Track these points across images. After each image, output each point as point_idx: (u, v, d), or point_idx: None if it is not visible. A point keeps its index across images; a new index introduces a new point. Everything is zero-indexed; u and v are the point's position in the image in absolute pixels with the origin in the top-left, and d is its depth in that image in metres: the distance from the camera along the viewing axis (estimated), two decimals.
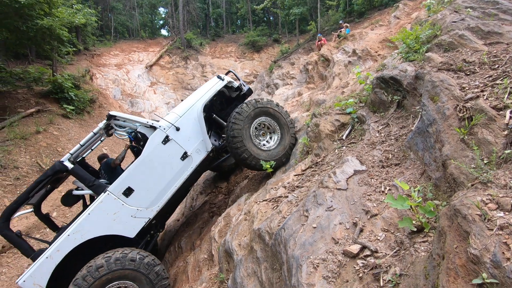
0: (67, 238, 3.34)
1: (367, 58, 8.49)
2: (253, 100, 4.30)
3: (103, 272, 3.17)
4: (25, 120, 8.81)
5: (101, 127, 4.09)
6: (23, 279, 3.18)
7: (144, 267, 3.33)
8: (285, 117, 4.45)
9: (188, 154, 4.07)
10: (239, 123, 4.03)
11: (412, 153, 2.55)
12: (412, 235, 1.76)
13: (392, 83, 3.52)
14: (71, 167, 3.62)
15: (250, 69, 21.27)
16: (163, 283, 3.41)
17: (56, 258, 3.27)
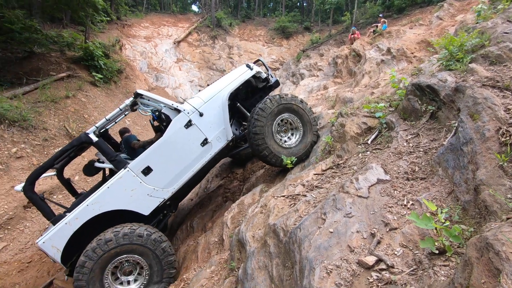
0: (86, 208, 3.53)
1: (402, 59, 8.13)
2: (278, 95, 4.24)
3: (112, 246, 3.35)
4: (56, 84, 9.13)
5: (127, 104, 4.16)
6: (42, 240, 3.41)
7: (151, 243, 3.49)
8: (308, 114, 4.38)
9: (208, 141, 4.11)
10: (262, 120, 4.01)
11: (441, 169, 2.46)
12: (432, 256, 1.73)
13: (428, 92, 3.37)
14: (96, 140, 3.77)
15: (277, 56, 20.91)
16: (169, 259, 3.58)
17: (74, 225, 3.47)
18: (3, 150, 6.34)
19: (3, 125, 6.65)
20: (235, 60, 20.08)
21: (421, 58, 7.53)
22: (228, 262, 2.88)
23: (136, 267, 3.58)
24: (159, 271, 3.55)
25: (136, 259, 3.50)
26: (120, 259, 3.43)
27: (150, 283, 3.54)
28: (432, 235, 1.84)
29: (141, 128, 10.41)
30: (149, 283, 3.54)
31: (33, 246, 5.37)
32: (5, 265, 5.07)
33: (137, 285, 3.56)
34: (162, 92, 15.16)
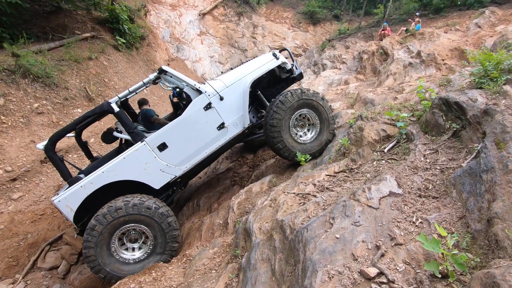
0: (101, 174, 3.68)
1: (431, 65, 7.86)
2: (299, 90, 4.21)
3: (121, 214, 3.52)
4: (80, 44, 9.18)
5: (151, 78, 4.24)
6: (58, 199, 3.60)
7: (158, 216, 3.65)
8: (328, 112, 4.36)
9: (225, 125, 4.17)
10: (280, 113, 4.01)
11: (455, 191, 2.47)
12: (434, 278, 1.77)
13: (455, 109, 3.30)
14: (117, 111, 3.88)
15: (302, 41, 20.39)
16: (173, 233, 3.75)
17: (89, 189, 3.64)
18: (26, 104, 6.53)
19: (28, 79, 6.80)
20: (258, 41, 19.69)
21: (451, 67, 7.27)
22: (232, 247, 3.00)
23: (142, 236, 3.77)
24: (163, 243, 3.73)
25: (142, 229, 3.68)
26: (127, 227, 3.61)
27: (153, 253, 3.74)
28: (437, 257, 1.88)
29: (157, 98, 10.50)
30: (152, 253, 3.74)
31: (47, 200, 5.65)
32: (19, 214, 5.37)
33: (141, 253, 3.75)
34: (181, 64, 15.10)
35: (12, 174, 5.70)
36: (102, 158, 4.67)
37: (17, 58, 6.82)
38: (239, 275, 2.52)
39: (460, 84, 4.42)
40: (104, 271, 3.54)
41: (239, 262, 2.66)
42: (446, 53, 7.97)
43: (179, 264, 3.44)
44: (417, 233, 2.18)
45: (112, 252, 3.60)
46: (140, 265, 3.67)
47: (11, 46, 6.98)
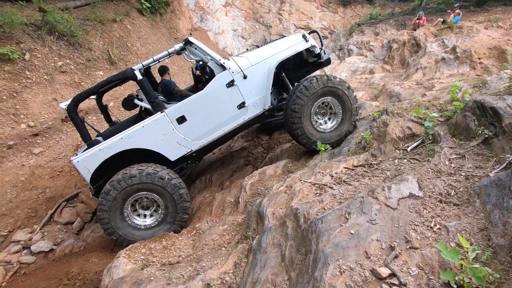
0: (119, 140, 3.73)
1: (465, 62, 7.43)
2: (326, 76, 4.07)
3: (135, 181, 3.61)
4: (106, 4, 9.06)
5: (176, 49, 4.17)
6: (77, 159, 3.69)
7: (171, 187, 3.73)
8: (352, 102, 4.23)
9: (245, 105, 4.10)
10: (303, 99, 3.91)
11: (479, 201, 2.39)
12: (447, 287, 1.76)
13: (490, 115, 3.13)
14: (140, 79, 3.86)
15: (329, 23, 19.56)
16: (184, 205, 3.84)
17: (107, 153, 3.71)
18: (50, 61, 6.59)
19: (53, 36, 6.82)
20: (284, 18, 18.96)
21: (488, 68, 6.86)
22: (243, 228, 3.05)
23: (153, 204, 3.87)
24: (173, 213, 3.83)
25: (154, 197, 3.77)
26: (140, 194, 3.71)
27: (164, 222, 3.85)
28: (453, 267, 1.85)
29: (177, 68, 10.42)
30: (163, 221, 3.85)
31: (66, 158, 5.84)
32: (39, 168, 5.59)
33: (152, 220, 3.88)
34: (203, 35, 14.80)
35: (34, 129, 5.88)
36: (120, 123, 4.73)
37: (44, 13, 6.81)
38: (248, 256, 2.58)
39: (497, 87, 4.18)
40: (117, 233, 3.70)
41: (250, 243, 2.71)
42: (484, 51, 7.49)
43: (188, 236, 3.55)
44: (434, 239, 2.14)
45: (125, 217, 3.73)
46: (151, 231, 3.80)
47: (38, 1, 6.95)
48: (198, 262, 2.71)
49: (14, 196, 4.99)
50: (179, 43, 4.28)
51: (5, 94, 5.86)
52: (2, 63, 6.02)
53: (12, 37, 6.28)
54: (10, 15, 6.21)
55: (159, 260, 3.09)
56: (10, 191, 5.09)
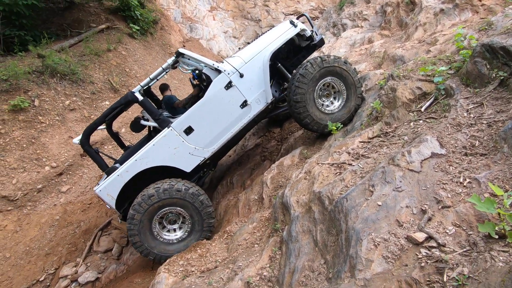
0: (134, 162, 3.84)
1: (466, 8, 7.06)
2: (319, 58, 3.97)
3: (155, 200, 3.69)
4: (98, 36, 9.30)
5: (169, 63, 4.23)
6: (99, 188, 3.83)
7: (190, 196, 3.79)
8: (353, 76, 4.12)
9: (248, 103, 4.10)
10: (303, 87, 3.85)
11: (507, 146, 2.27)
12: (489, 239, 1.69)
13: (502, 55, 2.97)
14: (141, 99, 3.94)
15: (317, 3, 19.18)
16: (207, 210, 3.91)
17: (125, 177, 3.83)
18: (58, 102, 6.85)
19: (56, 78, 7.08)
20: (271, 8, 18.77)
21: (491, 8, 6.50)
22: (271, 222, 3.06)
23: (179, 217, 3.95)
24: (200, 221, 3.91)
25: (178, 210, 3.85)
26: (164, 211, 3.80)
27: (193, 231, 3.93)
28: (491, 218, 1.78)
29: (178, 82, 10.56)
30: (192, 231, 3.93)
31: (91, 190, 6.06)
32: (70, 204, 5.84)
33: (182, 232, 3.97)
34: (196, 44, 14.91)
35: (58, 169, 6.13)
36: (133, 146, 4.86)
37: (43, 59, 7.08)
38: (281, 248, 2.58)
39: (505, 26, 3.96)
40: (152, 253, 3.81)
41: (280, 235, 2.71)
42: None
43: (221, 240, 3.59)
44: (465, 194, 2.07)
45: (156, 236, 3.83)
46: (184, 243, 3.89)
47: (35, 48, 7.24)
48: (234, 263, 2.75)
49: (53, 235, 5.24)
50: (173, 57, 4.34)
51: (25, 142, 6.16)
52: (16, 113, 6.33)
53: (19, 88, 6.58)
54: (13, 67, 6.51)
55: (198, 268, 3.15)
56: (49, 231, 5.35)
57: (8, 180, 5.74)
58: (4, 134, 6.08)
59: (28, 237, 5.29)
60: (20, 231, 5.36)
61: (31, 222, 5.45)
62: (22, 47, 7.57)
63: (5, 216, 5.45)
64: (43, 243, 5.19)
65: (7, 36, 7.72)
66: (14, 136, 6.16)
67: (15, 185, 5.75)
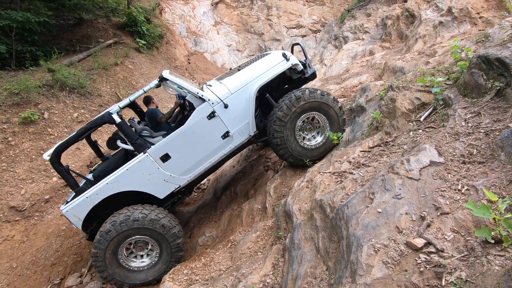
0: (105, 185, 3.72)
1: (465, 20, 7.23)
2: (306, 90, 3.90)
3: (124, 228, 3.59)
4: (106, 51, 9.61)
5: (152, 86, 3.99)
6: (66, 208, 3.73)
7: (161, 228, 3.69)
8: (338, 114, 4.05)
9: (230, 134, 3.98)
10: (284, 119, 3.81)
11: (504, 154, 2.33)
12: (486, 244, 1.73)
13: (497, 66, 3.06)
14: (118, 122, 3.77)
15: (319, 16, 19.58)
16: (177, 242, 3.82)
17: (94, 200, 3.71)
18: (67, 114, 7.04)
19: (65, 91, 7.31)
20: (274, 22, 19.20)
21: (489, 20, 6.65)
22: (275, 230, 3.11)
23: (148, 245, 3.85)
24: (169, 252, 3.82)
25: (146, 239, 3.76)
26: (132, 239, 3.72)
27: (160, 261, 3.85)
28: (487, 223, 1.83)
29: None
30: (159, 261, 3.85)
31: None
32: None
33: (150, 260, 3.86)
34: (201, 58, 15.25)
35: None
36: (111, 158, 4.67)
37: (53, 73, 7.33)
38: (284, 255, 2.62)
39: (501, 38, 4.07)
40: (115, 279, 3.72)
41: (283, 243, 2.76)
42: (481, 4, 7.27)
43: (225, 250, 3.63)
44: (463, 201, 2.11)
45: (121, 262, 3.73)
46: (151, 271, 3.82)
47: (46, 63, 7.51)
48: (238, 271, 2.79)
49: (59, 245, 5.30)
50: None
51: (34, 154, 6.31)
52: (26, 126, 6.51)
53: (30, 101, 6.80)
54: (25, 81, 6.74)
55: (202, 277, 3.18)
56: (55, 241, 5.41)
57: (16, 190, 5.86)
58: (14, 145, 6.25)
59: (35, 247, 5.35)
60: (27, 241, 5.43)
61: (38, 232, 5.53)
62: (33, 62, 7.85)
63: (13, 227, 5.54)
64: (49, 253, 5.25)
65: (19, 51, 8.02)
66: (23, 147, 6.32)
67: (23, 195, 5.86)
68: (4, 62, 7.75)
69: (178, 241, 3.84)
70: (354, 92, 5.87)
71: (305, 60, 4.61)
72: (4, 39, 7.65)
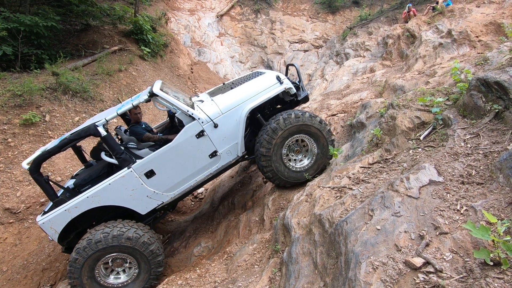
0: (86, 199, 3.61)
1: (464, 43, 7.41)
2: (293, 113, 3.91)
3: (100, 247, 3.50)
4: (110, 57, 9.72)
5: (141, 101, 3.85)
6: (42, 220, 3.61)
7: (140, 245, 3.61)
8: (326, 136, 4.05)
9: (218, 154, 3.95)
10: (271, 141, 3.82)
11: (502, 176, 2.36)
12: (485, 266, 1.73)
13: (496, 89, 3.12)
14: (104, 135, 3.66)
15: (321, 32, 19.98)
16: (157, 259, 3.75)
17: (73, 213, 3.60)
18: (68, 118, 7.06)
19: (68, 95, 7.35)
20: (277, 36, 19.57)
21: (487, 44, 6.81)
22: (272, 243, 3.09)
23: (127, 261, 3.77)
24: (148, 269, 3.75)
25: (124, 256, 3.68)
26: (110, 256, 3.62)
27: (139, 277, 3.76)
28: (486, 245, 1.83)
29: None
30: (138, 277, 3.77)
31: None
32: None
33: (128, 276, 3.78)
34: (204, 68, 15.43)
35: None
36: (95, 165, 4.50)
37: (57, 76, 7.39)
38: (281, 269, 2.60)
39: (499, 61, 4.17)
40: None
41: (281, 256, 2.74)
42: (481, 29, 7.47)
43: (220, 261, 3.59)
44: (462, 221, 2.12)
45: (98, 280, 3.64)
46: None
47: (51, 66, 7.58)
48: (234, 283, 2.75)
49: (51, 250, 5.21)
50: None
51: None
52: (27, 128, 6.51)
53: (32, 103, 6.82)
54: (29, 83, 6.79)
55: None
56: (48, 246, 5.32)
57: (12, 192, 5.80)
58: (13, 147, 6.23)
59: (27, 251, 5.26)
60: (20, 244, 5.34)
61: (31, 236, 5.45)
62: (38, 65, 7.93)
63: (6, 229, 5.46)
64: (41, 257, 5.16)
65: (25, 54, 8.11)
66: (22, 149, 6.30)
67: (19, 197, 5.80)
68: (10, 64, 7.82)
69: (158, 259, 3.75)
70: (354, 108, 5.94)
71: (298, 81, 4.59)
72: (11, 41, 7.75)
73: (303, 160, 4.11)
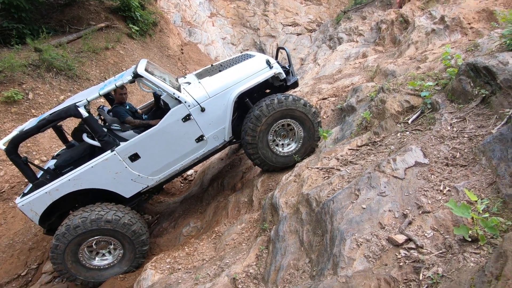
0: (67, 182, 3.51)
1: (456, 30, 7.41)
2: (276, 99, 3.83)
3: (80, 232, 3.45)
4: (96, 34, 9.34)
5: (125, 82, 3.69)
6: (22, 202, 3.51)
7: (121, 227, 3.57)
8: (312, 119, 3.99)
9: (204, 138, 3.88)
10: (256, 129, 3.79)
11: (485, 158, 2.42)
12: (463, 242, 1.80)
13: (484, 74, 3.16)
14: (85, 116, 3.51)
15: (315, 15, 19.63)
16: (140, 239, 3.74)
17: (54, 195, 3.51)
18: (52, 96, 6.83)
19: (52, 73, 7.07)
20: (270, 18, 19.12)
21: (479, 31, 6.83)
22: (260, 222, 3.13)
23: (111, 243, 3.74)
24: (132, 248, 3.74)
25: (107, 239, 3.65)
26: (91, 240, 3.59)
27: (125, 257, 3.77)
28: (466, 222, 1.89)
29: None
30: (124, 257, 3.77)
31: None
32: None
33: (114, 257, 3.78)
34: (194, 49, 15.04)
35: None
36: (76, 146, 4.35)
37: (40, 52, 7.08)
38: (268, 247, 2.65)
39: (489, 48, 4.21)
40: (79, 279, 3.63)
41: (268, 235, 2.78)
42: (473, 15, 7.46)
43: (209, 240, 3.63)
44: (445, 201, 2.18)
45: (83, 263, 3.63)
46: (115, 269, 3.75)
47: (33, 42, 7.24)
48: (221, 260, 2.80)
49: (38, 229, 5.16)
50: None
51: None
52: (9, 105, 6.27)
53: (14, 80, 6.54)
54: (9, 59, 6.48)
55: (184, 266, 3.18)
56: (34, 225, 5.26)
57: None
58: None
59: (13, 231, 5.20)
60: (5, 224, 5.26)
61: (16, 216, 5.37)
62: (20, 40, 7.55)
63: None
64: (28, 237, 5.11)
65: (4, 28, 7.70)
66: (5, 128, 6.09)
67: (2, 177, 5.67)
68: None
69: (142, 238, 3.75)
70: (345, 92, 5.94)
71: (288, 66, 4.51)
72: None
73: (290, 144, 4.10)
